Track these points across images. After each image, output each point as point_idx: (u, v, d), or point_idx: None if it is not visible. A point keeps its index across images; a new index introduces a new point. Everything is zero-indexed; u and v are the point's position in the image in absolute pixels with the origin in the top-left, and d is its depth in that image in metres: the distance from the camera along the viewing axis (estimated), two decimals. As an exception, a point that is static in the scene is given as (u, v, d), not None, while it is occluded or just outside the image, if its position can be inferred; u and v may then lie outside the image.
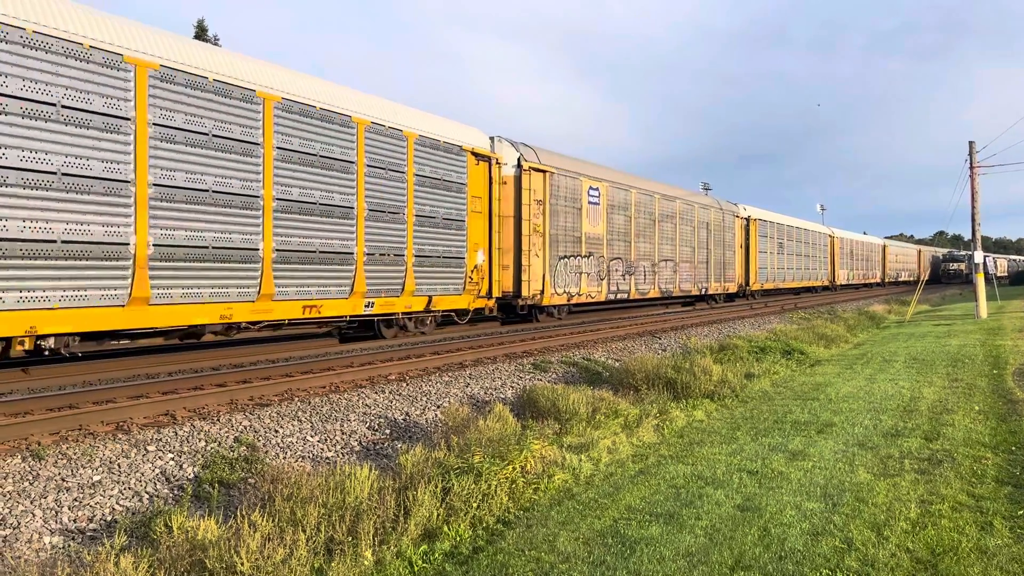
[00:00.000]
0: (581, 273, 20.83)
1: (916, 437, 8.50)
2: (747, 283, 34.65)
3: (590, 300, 21.50)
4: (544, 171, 19.11)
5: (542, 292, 18.99)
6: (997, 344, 17.68)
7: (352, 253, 12.92)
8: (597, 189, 21.87)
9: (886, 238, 79.57)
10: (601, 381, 12.34)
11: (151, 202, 9.73)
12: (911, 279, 72.89)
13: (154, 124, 9.76)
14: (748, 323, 23.35)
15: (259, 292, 11.21)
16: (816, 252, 45.87)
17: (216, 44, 39.01)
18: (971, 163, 28.40)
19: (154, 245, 9.76)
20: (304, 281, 11.96)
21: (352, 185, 12.93)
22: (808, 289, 45.68)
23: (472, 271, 15.99)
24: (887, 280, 65.27)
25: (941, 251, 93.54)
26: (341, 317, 13.01)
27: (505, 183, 17.87)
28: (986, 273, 30.27)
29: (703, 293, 29.63)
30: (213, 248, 10.54)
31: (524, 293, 18.36)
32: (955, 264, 79.90)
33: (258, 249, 11.24)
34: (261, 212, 11.33)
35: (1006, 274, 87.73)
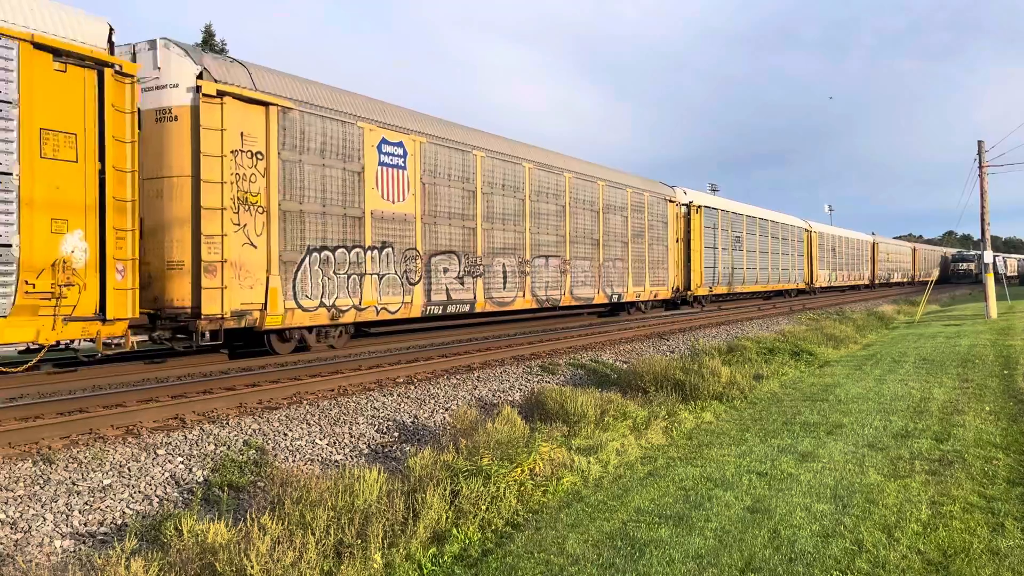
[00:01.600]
0: (365, 275, 13.49)
1: (926, 438, 8.46)
2: (687, 286, 27.67)
3: (388, 317, 14.09)
4: (266, 103, 11.67)
5: (265, 306, 11.57)
6: (1007, 344, 17.59)
7: None
8: (399, 144, 14.32)
9: (894, 238, 79.06)
10: (609, 383, 12.33)
11: None
12: (905, 280, 68.10)
13: None
14: (756, 324, 23.30)
15: None
16: (789, 249, 38.56)
17: (224, 49, 39.05)
18: (980, 162, 28.27)
19: None
20: None
21: None
22: (779, 293, 38.80)
23: (42, 273, 8.64)
24: (877, 282, 58.60)
25: (950, 251, 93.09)
26: None
27: (176, 118, 10.89)
28: (996, 273, 30.12)
29: (614, 300, 22.77)
30: None
31: (211, 310, 10.82)
32: (964, 264, 79.67)
33: None
34: None
35: (1016, 274, 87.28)
